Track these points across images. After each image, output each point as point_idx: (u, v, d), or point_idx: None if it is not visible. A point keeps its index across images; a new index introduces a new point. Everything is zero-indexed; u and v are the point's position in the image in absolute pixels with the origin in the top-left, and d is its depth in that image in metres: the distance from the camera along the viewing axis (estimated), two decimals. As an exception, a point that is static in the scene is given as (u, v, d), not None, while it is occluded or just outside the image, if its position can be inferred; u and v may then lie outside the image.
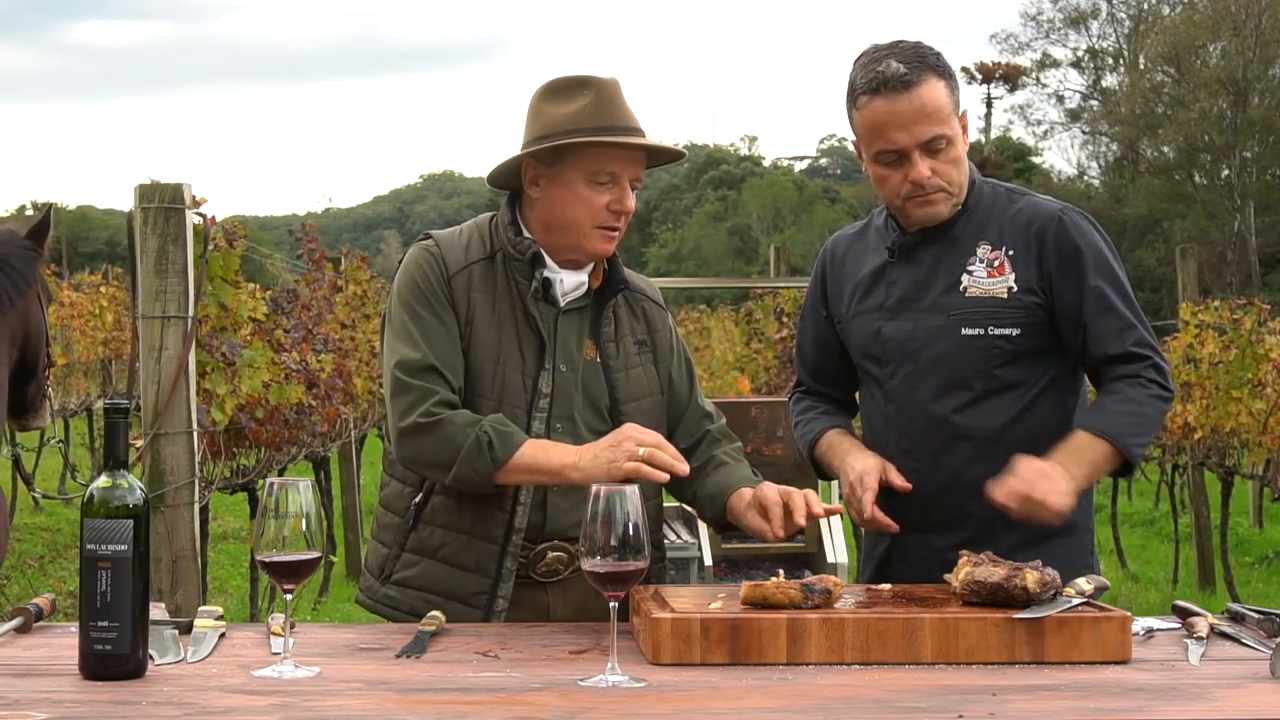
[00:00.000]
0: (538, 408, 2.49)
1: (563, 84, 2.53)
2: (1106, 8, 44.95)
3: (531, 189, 2.54)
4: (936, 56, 2.54)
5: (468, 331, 2.49)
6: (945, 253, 2.60)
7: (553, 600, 2.53)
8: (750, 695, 1.85)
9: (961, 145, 2.56)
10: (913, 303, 2.62)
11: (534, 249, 2.52)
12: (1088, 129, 45.33)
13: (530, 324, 2.52)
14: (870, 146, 2.55)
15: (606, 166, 2.49)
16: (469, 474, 2.38)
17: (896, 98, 2.48)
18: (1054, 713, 1.78)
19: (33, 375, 3.48)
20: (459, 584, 2.47)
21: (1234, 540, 9.24)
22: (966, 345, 2.56)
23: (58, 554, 8.93)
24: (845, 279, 2.74)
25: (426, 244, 2.57)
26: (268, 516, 1.98)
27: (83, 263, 17.64)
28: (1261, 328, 7.83)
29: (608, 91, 2.51)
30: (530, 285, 2.52)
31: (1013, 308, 2.55)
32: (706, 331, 13.47)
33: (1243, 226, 35.53)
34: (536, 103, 2.55)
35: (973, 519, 2.53)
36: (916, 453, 2.60)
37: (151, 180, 4.07)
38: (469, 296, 2.50)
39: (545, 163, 2.50)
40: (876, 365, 2.66)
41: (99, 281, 11.71)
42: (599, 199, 2.49)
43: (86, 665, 1.92)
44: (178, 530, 4.08)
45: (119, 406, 1.97)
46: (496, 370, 2.49)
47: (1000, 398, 2.57)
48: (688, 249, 52.66)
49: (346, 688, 1.88)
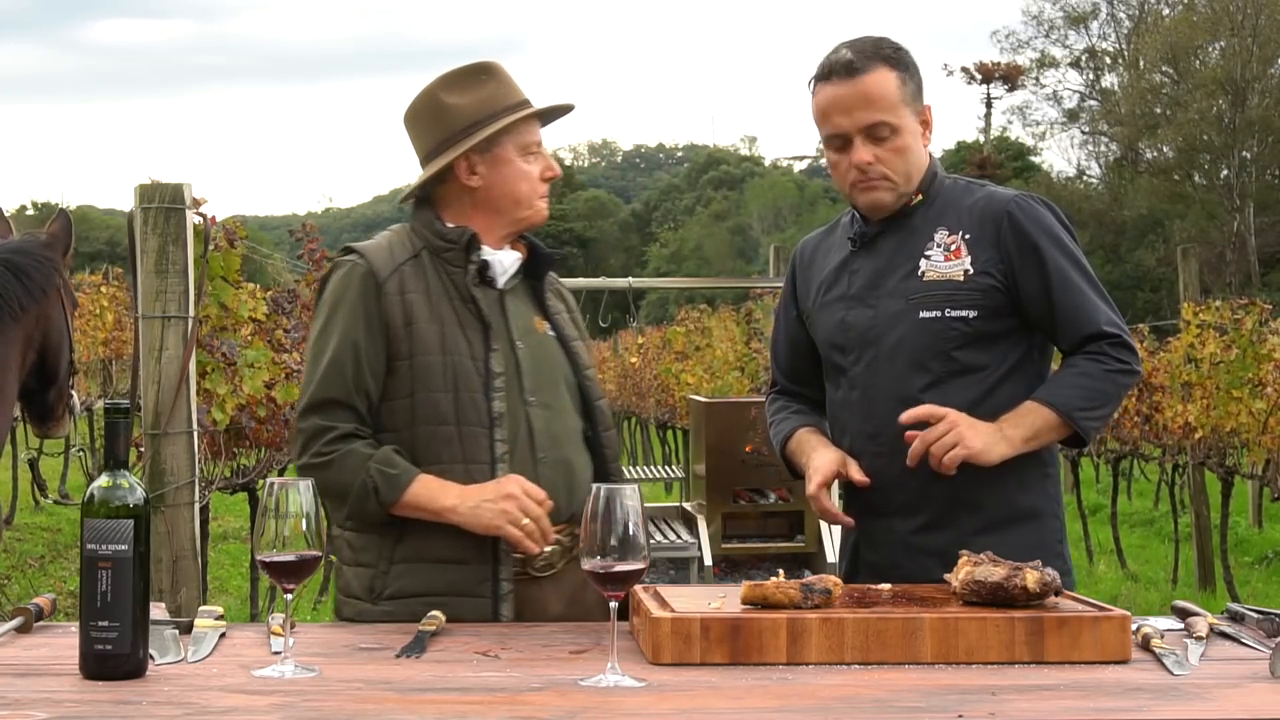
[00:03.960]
0: (494, 388, 2.52)
1: (459, 75, 2.64)
2: (1106, 8, 44.97)
3: (470, 178, 2.60)
4: (895, 50, 2.60)
5: (407, 333, 2.52)
6: (904, 241, 2.64)
7: (545, 595, 2.53)
8: (750, 695, 1.85)
9: (910, 137, 2.60)
10: (874, 290, 2.65)
11: (469, 233, 2.58)
12: (1087, 129, 45.33)
13: (471, 309, 2.56)
14: (821, 131, 2.63)
15: (533, 138, 2.62)
16: (360, 515, 2.48)
17: (841, 83, 2.56)
18: (1054, 713, 1.78)
19: (54, 381, 3.48)
20: (462, 579, 2.47)
21: (1234, 540, 9.24)
22: (924, 328, 2.58)
23: (58, 554, 8.93)
24: (813, 275, 2.78)
25: (350, 258, 2.59)
26: (268, 516, 1.98)
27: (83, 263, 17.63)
28: (1263, 327, 7.83)
29: (503, 73, 2.65)
30: (466, 272, 2.57)
31: (969, 290, 2.57)
32: (706, 331, 13.43)
33: (1242, 227, 35.52)
34: (435, 101, 2.61)
35: (933, 502, 2.56)
36: (879, 437, 2.61)
37: (152, 180, 4.07)
38: (403, 299, 2.53)
39: (479, 150, 2.58)
40: (841, 354, 2.69)
41: (99, 281, 11.70)
42: (534, 169, 2.62)
43: (87, 665, 1.92)
44: (178, 530, 4.08)
45: (119, 406, 1.97)
46: (446, 361, 2.51)
47: (960, 380, 2.58)
48: (688, 249, 52.68)
49: (346, 688, 1.88)
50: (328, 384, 2.50)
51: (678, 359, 12.98)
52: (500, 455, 2.50)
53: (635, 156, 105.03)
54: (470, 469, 2.48)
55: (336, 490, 2.45)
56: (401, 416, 2.51)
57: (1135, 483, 12.84)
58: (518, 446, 2.52)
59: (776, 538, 5.00)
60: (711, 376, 12.31)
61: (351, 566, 2.57)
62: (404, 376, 2.51)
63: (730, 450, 4.92)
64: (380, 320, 2.51)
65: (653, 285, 9.37)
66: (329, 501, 2.42)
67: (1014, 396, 2.57)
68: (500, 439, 2.50)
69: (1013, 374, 2.60)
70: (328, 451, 2.47)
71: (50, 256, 3.37)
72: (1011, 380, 2.60)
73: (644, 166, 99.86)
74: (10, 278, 3.24)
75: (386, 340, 2.51)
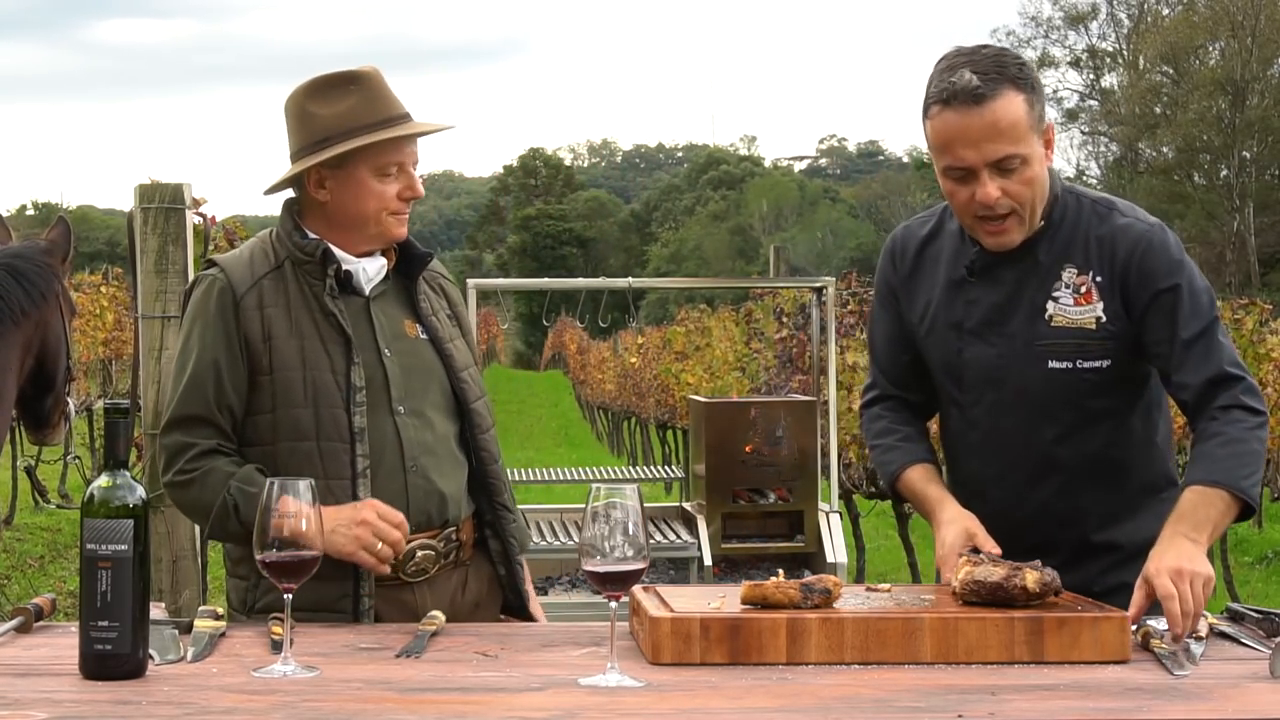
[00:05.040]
0: (355, 403, 2.47)
1: (326, 82, 2.54)
2: (1106, 8, 44.98)
3: (319, 192, 2.53)
4: (1019, 67, 2.38)
5: (267, 348, 2.48)
6: (1028, 274, 2.48)
7: (420, 599, 2.48)
8: (750, 695, 1.85)
9: (1040, 164, 2.41)
10: (995, 326, 2.50)
11: (322, 247, 2.52)
12: (1087, 129, 45.33)
13: (331, 322, 2.50)
14: (939, 160, 2.42)
15: (392, 159, 2.52)
16: (222, 533, 2.47)
17: (967, 111, 2.33)
18: (1054, 712, 1.78)
19: (51, 388, 3.47)
20: (322, 593, 2.38)
21: (1234, 540, 9.24)
22: (1054, 378, 2.46)
23: (58, 554, 8.93)
24: (918, 286, 2.61)
25: (211, 271, 2.55)
26: (268, 516, 1.98)
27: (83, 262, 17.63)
28: (1263, 327, 7.84)
29: (374, 84, 2.54)
30: (324, 284, 2.51)
31: (1101, 339, 2.44)
32: (706, 331, 13.44)
33: (1242, 227, 35.54)
34: (301, 105, 2.54)
35: (1066, 545, 2.46)
36: (1004, 482, 2.53)
37: (151, 180, 4.07)
38: (262, 313, 2.49)
39: (330, 166, 2.51)
40: (957, 388, 2.57)
41: (99, 281, 11.70)
42: (390, 189, 2.53)
43: (86, 665, 1.92)
44: (178, 530, 4.08)
45: (119, 406, 1.97)
46: (306, 376, 2.47)
47: (1091, 428, 2.49)
48: (688, 249, 52.68)
49: (346, 688, 1.88)
50: (188, 400, 2.47)
51: (678, 359, 12.98)
52: (361, 470, 2.45)
53: (635, 156, 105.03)
54: (331, 484, 2.41)
55: (199, 508, 2.47)
56: (265, 431, 2.48)
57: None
58: (384, 459, 2.47)
59: (776, 538, 4.99)
60: (711, 376, 12.32)
61: (231, 578, 2.57)
62: (266, 391, 2.47)
63: (730, 450, 4.91)
64: (239, 335, 2.47)
65: (653, 285, 9.34)
66: (193, 519, 2.40)
67: (1139, 433, 2.51)
68: (361, 454, 2.45)
69: (1139, 408, 2.52)
70: (190, 469, 2.45)
71: (50, 262, 3.37)
72: (1137, 417, 2.52)
73: (644, 166, 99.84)
74: (12, 282, 3.24)
75: (247, 355, 2.48)
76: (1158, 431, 2.58)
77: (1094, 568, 2.43)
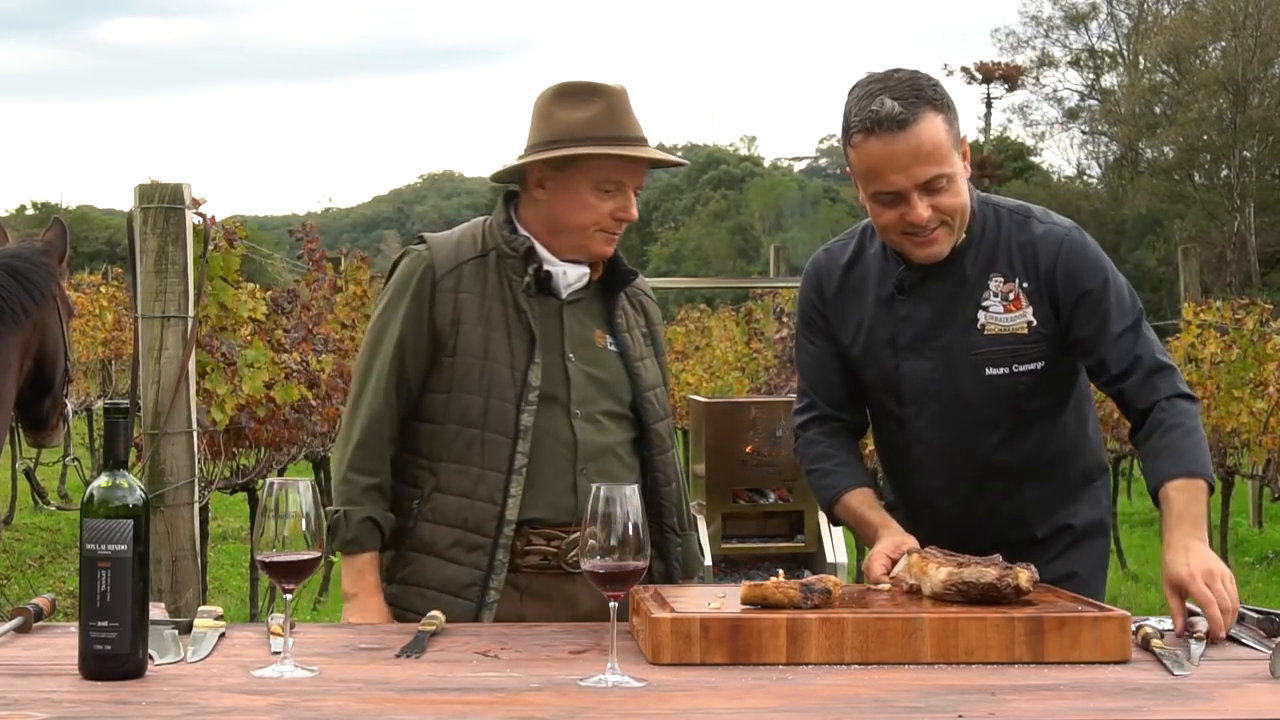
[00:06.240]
0: (526, 400, 2.52)
1: (574, 89, 2.57)
2: (1106, 7, 44.96)
3: (537, 191, 2.59)
4: (934, 88, 2.41)
5: (454, 331, 2.54)
6: (957, 288, 2.52)
7: (578, 591, 2.51)
8: (750, 695, 1.85)
9: (962, 178, 2.45)
10: (929, 340, 2.54)
11: (528, 244, 2.57)
12: (1087, 129, 45.33)
13: (520, 319, 2.56)
14: (867, 187, 2.45)
15: (614, 176, 2.54)
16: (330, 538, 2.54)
17: (892, 138, 2.36)
18: (1054, 713, 1.78)
19: (49, 389, 3.47)
20: (452, 576, 2.51)
21: (1234, 540, 9.24)
22: (992, 384, 2.51)
23: (58, 554, 8.92)
24: (846, 308, 2.63)
25: (418, 247, 2.63)
26: (268, 516, 1.98)
27: (83, 263, 17.65)
28: (1264, 327, 7.84)
29: (618, 101, 2.55)
30: (523, 281, 2.55)
31: (1034, 342, 2.50)
32: (707, 331, 13.46)
33: (1242, 226, 35.52)
34: (546, 105, 2.58)
35: (1009, 547, 2.45)
36: (950, 490, 2.58)
37: (151, 180, 4.08)
38: (456, 297, 2.55)
39: (554, 168, 2.54)
40: (897, 403, 2.59)
41: (99, 281, 11.72)
42: (604, 206, 2.55)
43: (86, 665, 1.92)
44: (178, 530, 4.09)
45: (119, 406, 1.97)
46: (485, 366, 2.53)
47: (1030, 428, 2.56)
48: (688, 249, 52.67)
49: (346, 688, 1.88)
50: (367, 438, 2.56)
51: (678, 359, 12.99)
52: (518, 467, 2.51)
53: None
54: (486, 475, 2.51)
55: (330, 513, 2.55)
56: (437, 410, 2.56)
57: (1135, 483, 12.81)
58: (553, 459, 2.53)
59: (776, 538, 4.99)
60: (711, 376, 12.33)
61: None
62: (446, 372, 2.55)
63: (730, 450, 4.90)
64: (429, 316, 2.55)
65: (653, 285, 9.35)
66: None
67: (1072, 428, 2.58)
68: (521, 451, 2.51)
69: (1071, 404, 2.60)
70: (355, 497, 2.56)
71: (48, 263, 3.37)
72: (1070, 409, 2.60)
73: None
74: (11, 282, 3.24)
75: (434, 336, 2.55)
76: (1088, 424, 2.68)
77: (1039, 560, 2.44)
